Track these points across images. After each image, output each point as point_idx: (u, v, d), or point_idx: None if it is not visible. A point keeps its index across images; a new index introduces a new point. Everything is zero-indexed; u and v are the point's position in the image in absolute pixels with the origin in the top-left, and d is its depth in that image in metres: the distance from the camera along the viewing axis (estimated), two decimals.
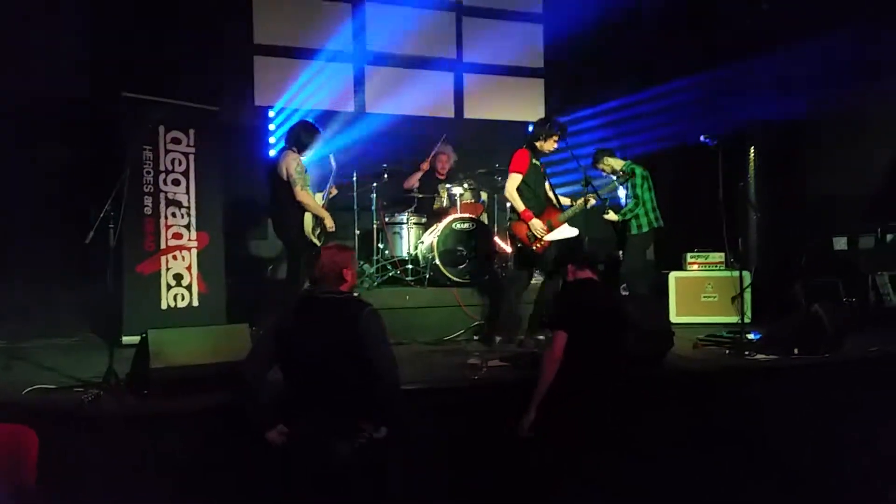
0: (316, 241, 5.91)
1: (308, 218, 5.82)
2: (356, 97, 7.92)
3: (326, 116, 7.69)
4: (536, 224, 5.55)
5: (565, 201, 5.86)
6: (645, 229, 6.49)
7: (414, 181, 7.36)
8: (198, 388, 3.78)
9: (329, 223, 5.93)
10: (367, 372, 3.22)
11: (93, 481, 3.34)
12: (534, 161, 5.66)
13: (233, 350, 4.01)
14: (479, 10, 8.40)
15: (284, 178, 5.75)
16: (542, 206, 5.69)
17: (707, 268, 7.31)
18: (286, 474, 3.19)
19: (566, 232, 5.66)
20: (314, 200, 5.92)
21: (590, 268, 3.85)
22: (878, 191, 7.76)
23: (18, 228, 6.15)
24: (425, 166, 7.36)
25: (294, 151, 5.86)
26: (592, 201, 5.71)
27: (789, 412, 4.42)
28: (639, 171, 6.53)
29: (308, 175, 5.90)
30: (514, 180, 5.59)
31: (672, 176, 6.61)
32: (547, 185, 5.86)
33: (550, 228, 5.63)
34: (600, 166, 6.69)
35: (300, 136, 5.93)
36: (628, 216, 6.47)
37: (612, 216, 6.49)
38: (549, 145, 5.64)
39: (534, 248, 5.62)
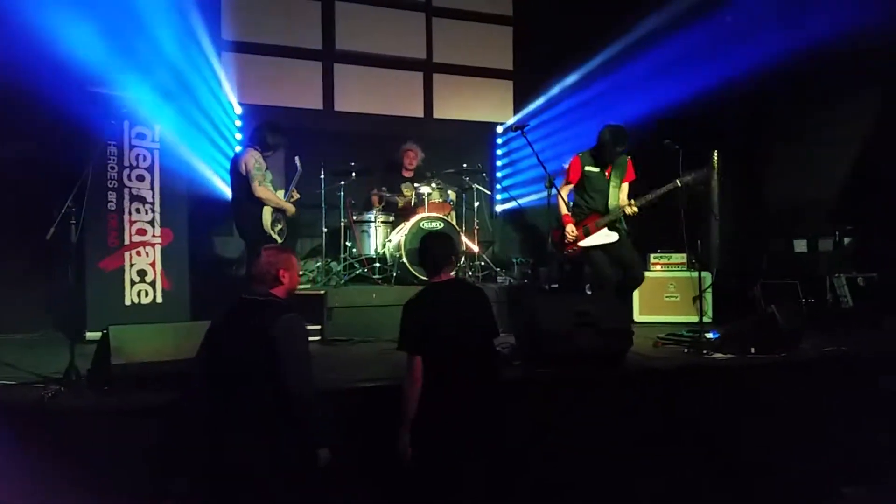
0: (276, 236, 5.93)
1: (267, 213, 5.85)
2: (325, 95, 7.91)
3: (295, 114, 7.69)
4: (569, 228, 5.75)
5: None
6: None
7: (376, 199, 7.39)
8: (158, 385, 3.77)
9: (290, 209, 6.02)
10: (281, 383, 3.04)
11: (51, 477, 3.32)
12: (588, 169, 5.82)
13: (194, 347, 4.00)
14: (449, 11, 8.44)
15: (243, 173, 5.79)
16: (588, 213, 5.83)
17: (670, 268, 7.43)
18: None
19: (602, 237, 5.77)
20: (273, 194, 5.95)
21: (442, 269, 3.64)
22: (837, 195, 7.95)
23: None
24: (374, 200, 7.39)
25: (255, 149, 5.89)
26: (633, 209, 5.69)
27: (743, 410, 4.53)
28: None
29: (268, 172, 5.92)
30: (563, 188, 5.85)
31: (638, 177, 6.67)
32: (616, 190, 5.80)
33: (587, 234, 5.77)
34: None
35: (265, 136, 5.97)
36: None
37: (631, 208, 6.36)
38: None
39: (565, 252, 5.82)
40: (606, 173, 5.83)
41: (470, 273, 6.90)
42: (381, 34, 8.05)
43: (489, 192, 7.49)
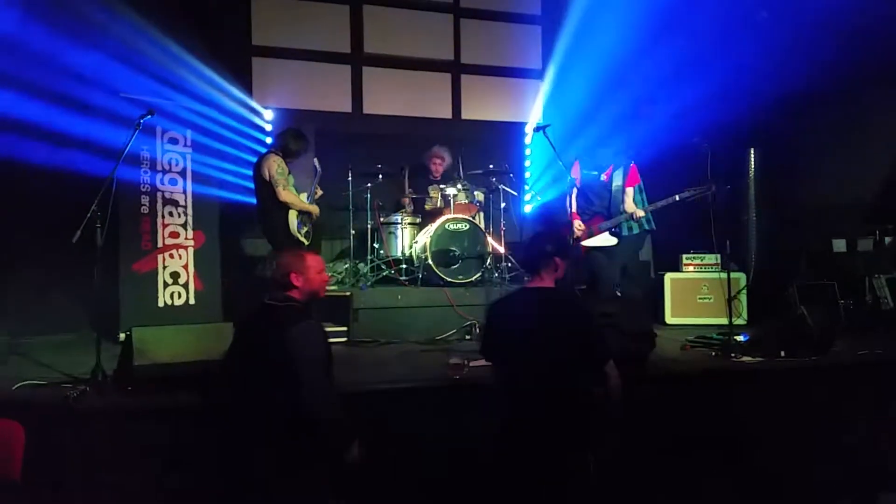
0: (303, 239, 5.99)
1: (292, 217, 5.91)
2: (353, 98, 7.96)
3: (324, 117, 7.77)
4: (577, 224, 6.01)
5: None
6: (636, 230, 6.52)
7: (406, 201, 7.43)
8: (180, 385, 3.85)
9: (315, 211, 6.08)
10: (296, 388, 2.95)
11: (74, 475, 3.42)
12: (586, 172, 6.09)
13: (217, 348, 4.04)
14: (477, 12, 8.41)
15: (266, 178, 5.85)
16: (591, 215, 6.06)
17: (703, 269, 7.30)
18: None
19: (603, 240, 5.99)
20: (297, 197, 6.00)
21: (540, 271, 3.21)
22: (877, 193, 7.72)
23: (22, 226, 6.25)
24: (405, 201, 7.43)
25: (277, 154, 5.96)
26: (640, 214, 5.98)
27: (768, 415, 4.42)
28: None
29: (291, 176, 5.98)
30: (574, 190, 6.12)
31: (670, 176, 6.59)
32: (619, 194, 6.00)
33: (590, 235, 6.01)
34: None
35: (288, 142, 6.05)
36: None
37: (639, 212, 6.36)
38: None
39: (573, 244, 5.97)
40: (605, 177, 5.99)
41: (496, 275, 6.88)
42: (408, 36, 8.08)
43: (516, 193, 7.44)
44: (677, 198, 5.75)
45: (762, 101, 8.34)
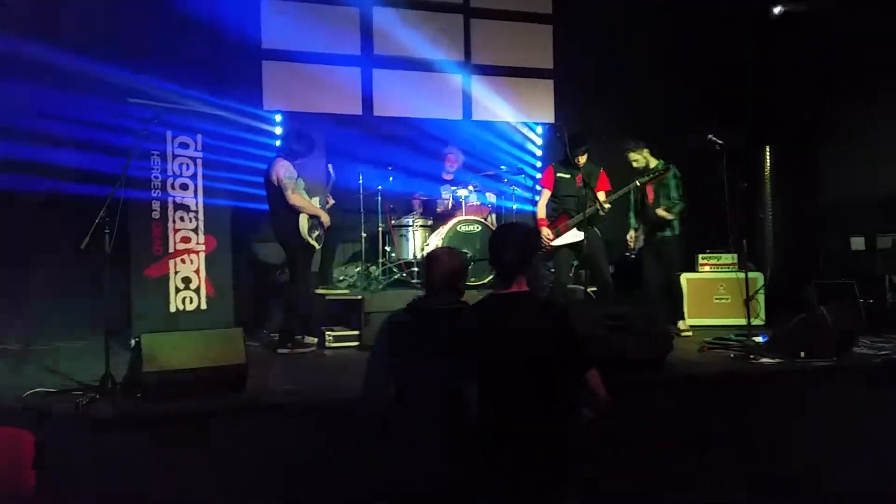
0: (314, 242, 5.95)
1: (304, 220, 5.86)
2: (364, 101, 7.91)
3: (334, 120, 7.73)
4: (544, 232, 6.16)
5: None
6: (677, 231, 6.47)
7: (417, 202, 7.39)
8: (190, 392, 3.82)
9: (325, 219, 6.01)
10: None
11: (84, 483, 3.39)
12: (560, 175, 6.21)
13: (226, 354, 4.06)
14: (487, 12, 8.34)
15: (275, 183, 5.81)
16: (558, 214, 6.19)
17: (719, 269, 7.20)
18: None
19: (571, 237, 6.09)
20: (308, 201, 5.94)
21: (512, 279, 2.81)
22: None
23: (35, 232, 6.27)
24: (415, 203, 7.39)
25: (283, 157, 5.91)
26: (608, 205, 6.04)
27: (791, 417, 4.33)
28: (674, 170, 6.46)
29: (300, 180, 5.92)
30: (542, 196, 6.37)
31: (685, 175, 6.52)
32: (599, 195, 6.06)
33: (558, 234, 6.11)
34: (635, 156, 6.52)
35: (291, 143, 6.02)
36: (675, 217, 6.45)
37: (664, 213, 6.38)
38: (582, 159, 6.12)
39: (544, 249, 6.13)
40: (577, 180, 6.08)
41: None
42: (419, 37, 8.02)
43: (529, 195, 7.38)
44: (638, 183, 6.16)
45: (777, 96, 8.27)
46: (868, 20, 7.37)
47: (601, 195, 6.04)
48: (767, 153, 8.43)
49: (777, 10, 8.16)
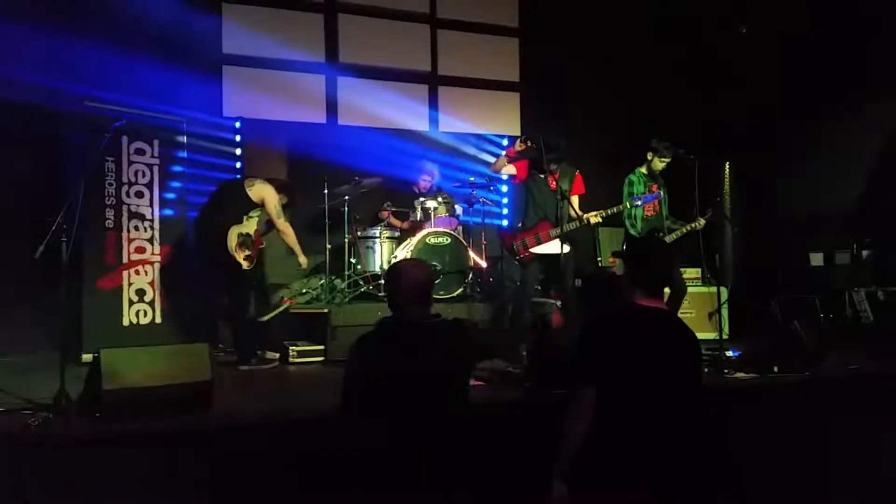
0: (242, 261, 5.55)
1: (232, 236, 5.51)
2: (328, 109, 7.73)
3: (297, 128, 7.53)
4: (520, 242, 5.66)
5: None
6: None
7: (386, 214, 7.23)
8: (154, 411, 3.57)
9: (302, 260, 6.03)
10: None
11: None
12: (533, 171, 5.72)
13: (191, 371, 3.83)
14: (454, 23, 8.29)
15: (257, 202, 5.68)
16: (538, 220, 5.67)
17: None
18: None
19: (553, 247, 5.58)
20: (293, 233, 5.89)
21: (655, 293, 2.83)
22: (853, 206, 7.77)
23: None
24: (384, 214, 7.23)
25: (269, 185, 5.77)
26: (595, 220, 5.64)
27: (766, 433, 4.31)
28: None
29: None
30: (504, 166, 5.84)
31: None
32: (574, 199, 5.72)
33: (538, 242, 5.62)
34: (659, 159, 6.10)
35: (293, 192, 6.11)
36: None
37: (701, 223, 6.06)
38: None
39: (518, 257, 5.68)
40: (551, 184, 5.61)
41: (478, 290, 6.69)
42: (385, 46, 7.90)
43: (497, 207, 7.31)
44: (629, 205, 5.84)
45: (734, 111, 8.42)
46: (827, 36, 7.56)
47: (574, 200, 5.73)
48: (727, 168, 8.53)
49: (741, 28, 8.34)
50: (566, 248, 5.57)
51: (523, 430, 3.77)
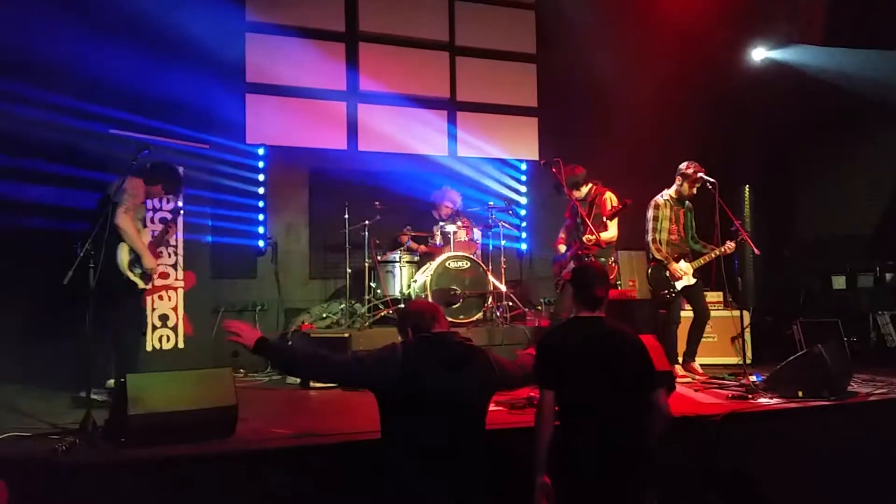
0: (136, 279, 5.13)
1: (123, 251, 5.03)
2: (349, 135, 7.83)
3: (319, 154, 7.63)
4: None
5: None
6: None
7: (406, 238, 7.26)
8: (178, 436, 3.60)
9: (148, 264, 5.15)
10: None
11: None
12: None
13: (216, 395, 3.87)
14: (473, 50, 8.39)
15: (109, 194, 4.95)
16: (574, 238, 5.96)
17: None
18: None
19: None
20: (135, 230, 5.10)
21: (594, 308, 3.26)
22: (875, 228, 7.70)
23: (4, 268, 5.99)
24: (404, 238, 7.23)
25: (138, 178, 5.19)
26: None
27: (793, 459, 4.26)
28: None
29: (141, 208, 5.39)
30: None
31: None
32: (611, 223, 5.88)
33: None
34: (690, 185, 6.09)
35: (160, 172, 5.42)
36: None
37: (731, 247, 6.11)
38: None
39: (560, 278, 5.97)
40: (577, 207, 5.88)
41: (498, 313, 6.69)
42: (405, 73, 8.00)
43: (517, 231, 7.32)
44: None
45: (755, 136, 8.41)
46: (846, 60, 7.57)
47: (612, 223, 5.86)
48: (746, 192, 8.51)
49: (759, 55, 8.36)
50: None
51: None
